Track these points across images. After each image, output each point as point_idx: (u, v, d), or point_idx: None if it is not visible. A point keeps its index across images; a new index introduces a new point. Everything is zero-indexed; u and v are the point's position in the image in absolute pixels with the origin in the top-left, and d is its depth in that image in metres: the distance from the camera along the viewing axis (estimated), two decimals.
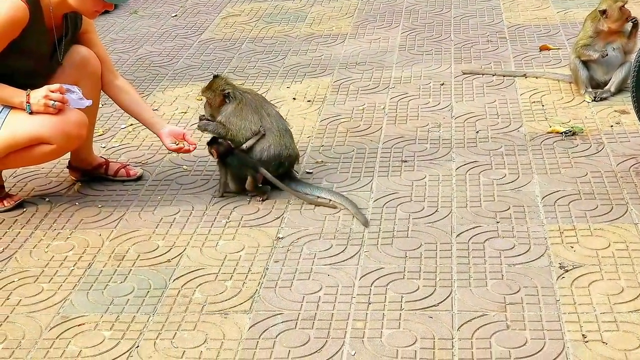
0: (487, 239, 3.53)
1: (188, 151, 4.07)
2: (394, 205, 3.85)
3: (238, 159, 3.99)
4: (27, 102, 3.69)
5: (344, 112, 4.94)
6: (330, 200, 3.91)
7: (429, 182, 4.06)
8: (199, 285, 3.35)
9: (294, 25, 6.66)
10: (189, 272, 3.44)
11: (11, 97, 3.71)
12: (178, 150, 4.07)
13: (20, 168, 4.31)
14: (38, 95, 3.69)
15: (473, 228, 3.62)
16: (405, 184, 4.05)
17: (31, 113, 3.70)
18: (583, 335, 2.92)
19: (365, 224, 3.71)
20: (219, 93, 4.06)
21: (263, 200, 3.97)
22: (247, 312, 3.15)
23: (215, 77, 4.14)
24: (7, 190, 4.11)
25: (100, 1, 3.75)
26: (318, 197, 3.95)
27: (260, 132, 4.00)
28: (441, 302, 3.13)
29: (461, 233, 3.59)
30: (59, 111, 3.71)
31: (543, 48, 5.78)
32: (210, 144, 4.03)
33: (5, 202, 4.03)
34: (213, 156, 4.04)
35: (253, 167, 3.98)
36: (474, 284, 3.22)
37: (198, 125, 4.11)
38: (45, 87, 3.72)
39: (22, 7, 3.64)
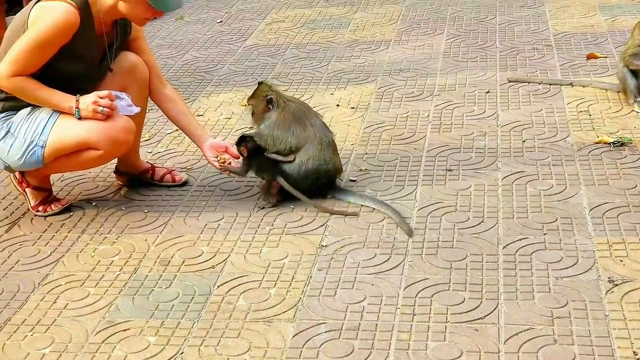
0: (534, 251, 3.50)
1: (232, 170, 4.07)
2: (438, 215, 3.83)
3: (261, 160, 4.00)
4: (77, 108, 3.72)
5: (388, 120, 4.92)
6: (360, 206, 3.89)
7: (474, 191, 4.03)
8: (243, 292, 3.35)
9: (338, 32, 6.66)
10: (233, 279, 3.45)
11: (61, 102, 3.75)
12: (221, 168, 4.07)
13: (68, 172, 4.34)
14: (87, 101, 3.72)
15: (520, 240, 3.59)
16: (450, 193, 4.02)
17: (80, 118, 3.73)
18: (634, 352, 2.87)
19: (410, 233, 3.69)
20: (262, 99, 4.06)
21: (272, 206, 4.00)
22: (290, 321, 3.15)
23: (260, 83, 4.14)
24: (54, 194, 4.15)
25: (150, 9, 3.77)
26: (348, 204, 3.94)
27: (289, 159, 3.99)
28: (487, 315, 3.11)
29: (508, 244, 3.56)
30: (107, 117, 3.75)
31: (590, 56, 5.73)
32: (238, 143, 4.04)
33: (53, 205, 4.06)
34: (243, 155, 4.03)
35: (272, 173, 3.99)
36: (521, 297, 3.19)
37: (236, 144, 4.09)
38: (94, 93, 3.75)
39: (73, 12, 3.67)
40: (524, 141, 4.52)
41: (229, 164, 4.04)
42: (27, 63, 3.68)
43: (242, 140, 4.03)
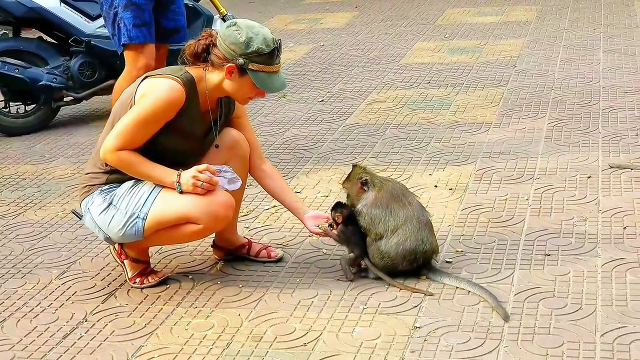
0: (632, 341, 3.39)
1: (331, 235, 4.09)
2: (535, 300, 3.76)
3: (354, 233, 4.01)
4: (178, 182, 3.80)
5: (486, 202, 4.88)
6: (455, 288, 3.85)
7: (572, 277, 3.94)
8: None
9: (438, 113, 6.68)
10: (325, 358, 3.43)
11: (164, 177, 3.83)
12: (322, 234, 4.10)
13: (166, 245, 4.42)
14: (187, 176, 3.80)
15: (618, 328, 3.49)
16: (548, 279, 3.95)
17: (181, 192, 3.81)
18: None
19: (506, 318, 3.63)
20: (356, 181, 4.09)
21: (348, 280, 4.03)
22: None
23: (354, 166, 4.18)
24: (152, 266, 4.23)
25: (254, 88, 3.86)
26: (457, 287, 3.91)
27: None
28: None
29: (606, 333, 3.46)
30: (208, 192, 3.81)
31: None
32: (334, 209, 4.05)
33: (150, 278, 4.13)
34: (337, 221, 4.04)
35: (363, 249, 4.00)
36: None
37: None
38: (194, 167, 3.83)
39: (179, 89, 3.78)
40: (624, 228, 4.43)
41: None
42: (133, 138, 3.78)
43: (338, 206, 4.05)
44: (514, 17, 10.15)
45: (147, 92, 3.79)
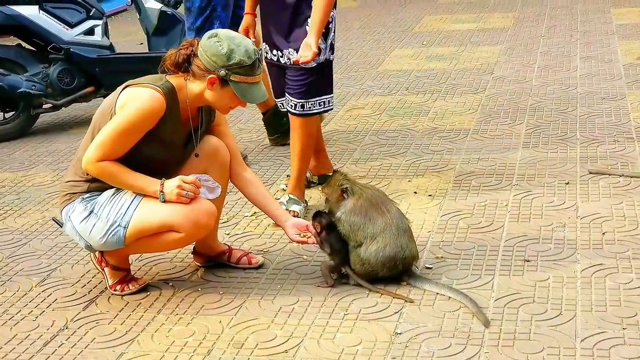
0: (612, 346, 3.42)
1: (312, 243, 4.11)
2: (515, 306, 3.78)
3: (335, 241, 4.02)
4: (161, 192, 3.80)
5: (466, 208, 4.91)
6: (435, 294, 3.87)
7: (552, 283, 3.97)
8: None
9: (417, 119, 6.71)
10: None
11: (147, 186, 3.83)
12: (302, 242, 4.11)
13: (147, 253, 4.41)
14: (171, 185, 3.80)
15: (598, 333, 3.52)
16: (528, 284, 3.97)
17: (164, 202, 3.80)
18: None
19: (486, 323, 3.64)
20: (336, 188, 4.10)
21: (329, 287, 4.04)
22: None
23: (335, 172, 4.19)
24: (132, 273, 4.22)
25: (236, 99, 3.87)
26: (438, 293, 3.92)
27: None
28: None
29: (585, 338, 3.49)
30: (190, 200, 3.82)
31: None
32: (313, 218, 4.07)
33: (130, 285, 4.12)
34: (316, 230, 4.05)
35: (343, 257, 4.01)
36: None
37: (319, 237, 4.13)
38: (179, 177, 3.83)
39: (159, 99, 3.78)
40: (603, 234, 4.46)
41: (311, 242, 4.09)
42: (114, 148, 3.77)
43: (317, 215, 4.07)
44: (491, 25, 10.22)
45: (128, 102, 3.78)
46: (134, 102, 3.77)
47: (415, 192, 5.20)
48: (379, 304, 3.87)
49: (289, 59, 4.83)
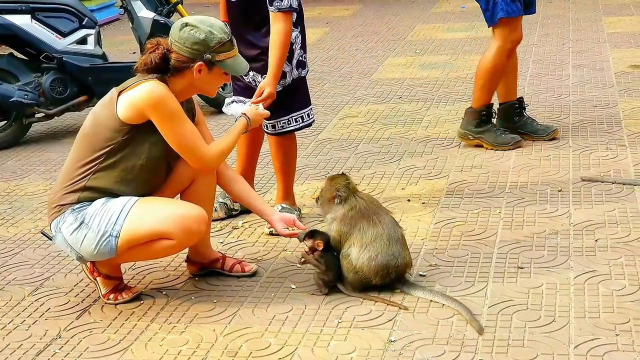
0: (605, 352, 3.42)
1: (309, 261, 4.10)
2: (509, 313, 3.78)
3: (330, 257, 4.04)
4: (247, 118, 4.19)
5: (459, 216, 4.91)
6: (429, 302, 3.86)
7: (545, 290, 3.98)
8: None
9: (410, 128, 6.71)
10: None
11: (236, 127, 4.18)
12: (292, 235, 4.15)
13: (140, 261, 4.40)
14: (251, 110, 4.25)
15: (592, 340, 3.52)
16: (521, 291, 3.97)
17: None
18: None
19: (480, 330, 3.65)
20: (332, 190, 4.10)
21: (322, 294, 4.04)
22: None
23: (342, 174, 4.20)
24: (125, 282, 4.21)
25: (222, 77, 3.98)
26: (431, 300, 3.93)
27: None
28: None
29: (579, 345, 3.49)
30: (180, 207, 3.88)
31: None
32: (312, 236, 4.07)
33: (123, 294, 4.11)
34: (318, 249, 4.04)
35: (337, 274, 4.02)
36: None
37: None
38: (250, 103, 4.43)
39: (160, 84, 3.88)
40: (596, 240, 4.47)
41: (308, 253, 4.09)
42: (196, 135, 3.92)
43: (316, 233, 4.06)
44: (483, 33, 10.21)
45: (144, 104, 3.80)
46: (151, 99, 3.80)
47: (408, 200, 5.20)
48: (373, 312, 3.87)
49: (254, 80, 4.77)
